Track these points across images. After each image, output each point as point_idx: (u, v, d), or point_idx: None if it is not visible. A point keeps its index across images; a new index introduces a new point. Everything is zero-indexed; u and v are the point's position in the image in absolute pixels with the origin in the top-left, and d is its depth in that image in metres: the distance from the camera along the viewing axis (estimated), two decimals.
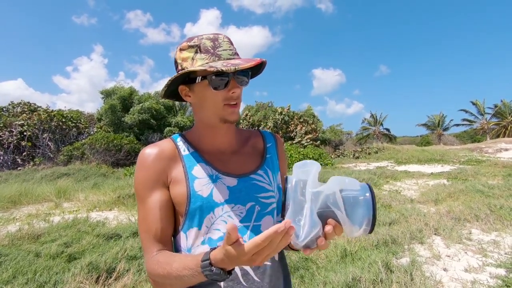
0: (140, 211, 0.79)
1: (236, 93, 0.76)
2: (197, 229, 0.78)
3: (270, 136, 0.96)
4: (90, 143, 15.15)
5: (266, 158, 0.89)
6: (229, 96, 0.76)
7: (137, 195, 0.80)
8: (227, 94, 0.75)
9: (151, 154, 0.80)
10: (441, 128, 39.00)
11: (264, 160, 0.89)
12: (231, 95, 0.75)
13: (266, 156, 0.90)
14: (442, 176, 9.84)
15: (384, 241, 3.71)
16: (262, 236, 0.53)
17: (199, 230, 0.77)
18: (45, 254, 3.31)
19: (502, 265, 3.06)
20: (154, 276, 0.72)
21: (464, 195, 6.22)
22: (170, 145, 0.83)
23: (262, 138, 0.95)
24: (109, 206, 6.61)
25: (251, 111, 24.45)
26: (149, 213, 0.77)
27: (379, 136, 38.04)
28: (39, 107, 19.63)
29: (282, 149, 0.96)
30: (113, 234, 4.11)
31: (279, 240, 0.54)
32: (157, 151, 0.80)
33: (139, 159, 0.81)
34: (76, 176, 11.73)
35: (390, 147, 23.13)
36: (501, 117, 35.66)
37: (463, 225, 4.40)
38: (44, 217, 5.50)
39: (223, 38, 0.77)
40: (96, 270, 2.84)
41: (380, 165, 14.80)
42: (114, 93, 21.44)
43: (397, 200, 6.22)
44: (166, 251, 0.76)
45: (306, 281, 2.75)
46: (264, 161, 0.88)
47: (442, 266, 3.13)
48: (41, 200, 7.34)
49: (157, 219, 0.76)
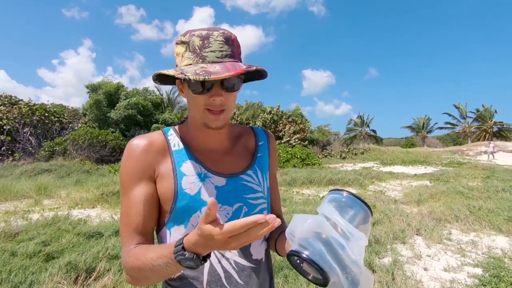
0: (123, 203, 0.76)
1: (216, 101, 0.70)
2: (183, 226, 0.75)
3: (262, 133, 0.93)
4: (73, 139, 14.76)
5: (256, 157, 0.87)
6: (210, 103, 0.70)
7: (121, 186, 0.77)
8: (208, 100, 0.70)
9: (139, 146, 0.76)
10: (425, 130, 40.06)
11: (255, 159, 0.86)
12: (211, 101, 0.70)
13: (257, 155, 0.87)
14: (425, 178, 10.10)
15: (368, 241, 3.76)
16: (241, 221, 0.50)
17: (185, 228, 0.75)
18: (21, 253, 3.19)
19: (479, 264, 3.16)
20: (129, 270, 0.69)
21: (445, 196, 6.40)
22: (160, 138, 0.80)
23: (254, 135, 0.91)
24: (92, 204, 6.45)
25: (240, 110, 24.40)
26: (131, 206, 0.74)
27: (366, 137, 38.71)
28: (20, 100, 18.93)
29: (274, 147, 0.93)
30: (94, 232, 4.00)
31: (259, 231, 0.51)
32: (146, 143, 0.77)
33: (126, 150, 0.77)
34: (58, 172, 11.39)
35: (376, 148, 23.58)
36: (481, 121, 36.95)
37: (443, 225, 4.53)
38: (22, 215, 5.32)
39: (217, 37, 0.70)
40: (75, 269, 2.76)
41: (366, 166, 15.06)
42: (100, 87, 20.91)
43: (381, 200, 6.34)
44: (144, 244, 0.73)
45: (290, 281, 2.75)
46: (254, 161, 0.85)
47: (422, 266, 3.20)
48: (20, 196, 7.09)
49: (140, 213, 0.73)
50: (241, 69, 0.65)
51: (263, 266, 0.83)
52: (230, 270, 0.77)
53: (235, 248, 0.54)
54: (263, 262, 0.83)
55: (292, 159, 14.94)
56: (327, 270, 0.51)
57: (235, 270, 0.77)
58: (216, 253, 0.76)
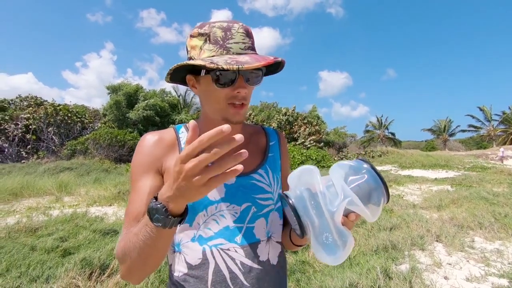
0: (130, 194, 0.77)
1: (241, 93, 0.69)
2: (188, 225, 0.74)
3: (273, 133, 0.91)
4: (94, 138, 15.25)
5: (268, 157, 0.84)
6: (234, 95, 0.69)
7: (131, 178, 0.78)
8: (231, 92, 0.69)
9: (150, 140, 0.77)
10: (446, 133, 38.63)
11: (266, 159, 0.84)
12: (236, 94, 0.69)
13: (268, 155, 0.85)
14: (446, 182, 9.70)
15: (384, 246, 3.64)
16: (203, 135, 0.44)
17: (190, 226, 0.74)
18: (40, 248, 3.30)
19: (505, 275, 2.97)
20: (117, 253, 0.67)
21: (468, 202, 6.10)
22: (171, 134, 0.80)
23: (265, 135, 0.90)
24: (109, 202, 6.61)
25: (255, 111, 24.43)
26: (137, 197, 0.73)
27: (384, 139, 37.78)
28: (45, 101, 19.80)
29: (285, 148, 0.91)
30: (110, 230, 4.09)
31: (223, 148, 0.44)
32: (156, 138, 0.78)
33: (138, 144, 0.79)
34: (79, 170, 11.79)
35: (394, 151, 22.95)
36: (508, 124, 35.19)
37: (466, 232, 4.31)
38: (44, 211, 5.52)
39: (238, 29, 0.69)
40: (90, 266, 2.81)
41: (383, 169, 14.66)
42: (120, 89, 21.56)
43: (399, 205, 6.13)
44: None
45: (302, 285, 2.69)
46: (265, 160, 0.83)
47: (442, 274, 3.05)
48: (42, 193, 7.38)
49: (143, 203, 0.72)
50: (271, 59, 0.63)
51: (274, 269, 0.78)
52: (236, 271, 0.74)
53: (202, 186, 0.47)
54: (273, 265, 0.79)
55: (307, 161, 14.77)
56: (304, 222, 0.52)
57: (241, 271, 0.74)
58: (221, 253, 0.74)
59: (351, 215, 0.55)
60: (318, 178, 0.54)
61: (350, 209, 0.53)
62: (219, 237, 0.74)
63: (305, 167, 0.56)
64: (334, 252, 0.51)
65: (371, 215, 0.54)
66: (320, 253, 0.52)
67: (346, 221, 0.55)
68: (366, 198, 0.53)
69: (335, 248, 0.52)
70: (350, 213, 0.55)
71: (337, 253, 0.51)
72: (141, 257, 0.61)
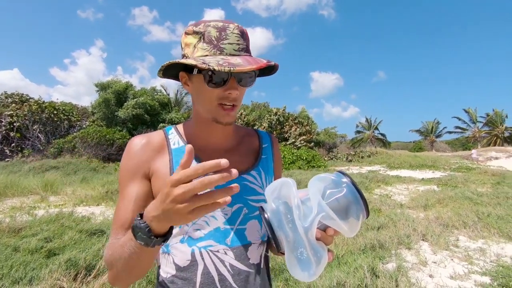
0: (118, 200, 0.76)
1: (232, 94, 0.68)
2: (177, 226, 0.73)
3: (266, 136, 0.91)
4: (82, 137, 14.93)
5: (261, 159, 0.84)
6: (225, 96, 0.69)
7: (119, 183, 0.77)
8: (223, 93, 0.68)
9: (137, 144, 0.76)
10: (434, 134, 39.43)
11: (259, 160, 0.84)
12: (227, 95, 0.68)
13: (261, 157, 0.85)
14: (433, 182, 9.91)
15: (372, 245, 3.69)
16: (197, 165, 0.45)
17: (179, 227, 0.73)
18: (23, 249, 3.21)
19: (487, 273, 3.06)
20: (105, 259, 0.68)
21: (453, 201, 6.25)
22: (160, 136, 0.79)
23: (258, 137, 0.90)
24: (97, 201, 6.49)
25: (246, 111, 24.40)
26: (123, 204, 0.73)
27: (373, 140, 38.30)
28: (31, 98, 19.27)
29: (277, 151, 0.91)
30: (97, 230, 4.02)
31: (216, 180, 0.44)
32: (144, 141, 0.77)
33: (126, 148, 0.78)
34: (65, 169, 11.52)
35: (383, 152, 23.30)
36: (492, 126, 36.19)
37: (450, 231, 4.41)
38: (28, 210, 5.37)
39: (233, 30, 0.68)
40: (75, 267, 2.75)
41: (372, 169, 14.87)
42: (110, 86, 21.13)
43: (387, 204, 6.23)
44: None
45: (290, 284, 2.70)
46: (258, 162, 0.83)
47: (428, 273, 3.11)
48: (27, 192, 7.18)
49: (129, 209, 0.72)
50: (263, 63, 0.63)
51: (261, 271, 0.79)
52: (225, 273, 0.73)
53: (188, 214, 0.46)
54: (261, 267, 0.79)
55: (298, 161, 14.84)
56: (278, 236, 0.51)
57: (230, 273, 0.74)
58: (211, 254, 0.73)
59: (329, 230, 0.53)
60: (294, 192, 0.52)
61: (326, 223, 0.51)
62: (208, 238, 0.74)
63: (283, 179, 0.55)
64: (309, 268, 0.50)
65: (349, 230, 0.52)
66: (294, 268, 0.51)
67: (324, 236, 0.53)
68: (343, 213, 0.52)
69: (309, 264, 0.50)
70: (327, 227, 0.53)
71: (311, 269, 0.50)
72: (127, 267, 0.62)
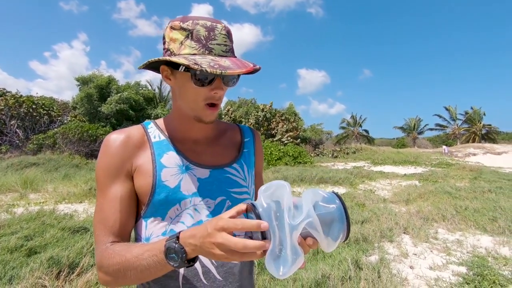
0: (98, 201, 0.73)
1: (218, 94, 0.70)
2: (160, 219, 0.73)
3: (248, 130, 0.92)
4: (63, 132, 14.47)
5: (243, 152, 0.85)
6: (211, 96, 0.70)
7: (97, 182, 0.74)
8: (209, 93, 0.69)
9: (116, 140, 0.73)
10: (416, 131, 40.57)
11: (241, 154, 0.84)
12: (212, 94, 0.69)
13: (243, 151, 0.85)
14: (414, 178, 10.23)
15: (356, 239, 3.79)
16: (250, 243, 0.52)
17: (162, 220, 0.73)
18: (2, 248, 3.10)
19: (463, 263, 3.20)
20: (106, 267, 0.66)
21: (433, 196, 6.48)
22: (139, 131, 0.77)
23: (240, 132, 0.90)
24: (80, 199, 6.34)
25: (233, 107, 24.30)
26: (108, 204, 0.71)
27: (358, 137, 39.03)
28: (8, 92, 18.45)
29: (259, 146, 0.92)
30: (80, 227, 3.93)
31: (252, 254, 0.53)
32: (123, 137, 0.74)
33: (103, 145, 0.74)
34: (46, 166, 11.14)
35: (367, 148, 23.81)
36: (471, 124, 37.60)
37: (430, 224, 4.58)
38: (6, 208, 5.19)
39: (221, 30, 0.69)
40: (57, 265, 2.69)
41: (357, 165, 15.17)
42: (91, 81, 20.51)
43: (371, 199, 6.39)
44: (124, 242, 0.70)
45: (276, 278, 2.74)
46: (240, 155, 0.84)
47: (408, 264, 3.23)
48: (5, 190, 6.92)
49: (116, 210, 0.70)
50: (250, 67, 0.66)
51: (245, 263, 0.80)
52: (209, 265, 0.74)
53: (219, 257, 0.54)
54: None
55: (284, 157, 14.95)
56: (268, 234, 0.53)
57: (214, 265, 0.75)
58: None
59: (309, 239, 0.56)
60: (288, 194, 0.55)
61: (309, 232, 0.54)
62: None
63: (279, 182, 0.57)
64: (284, 266, 0.52)
65: (327, 245, 0.55)
66: (270, 263, 0.53)
67: (303, 243, 0.55)
68: (327, 227, 0.55)
69: (286, 262, 0.52)
70: (308, 236, 0.55)
71: (285, 268, 0.52)
72: (139, 277, 0.64)
